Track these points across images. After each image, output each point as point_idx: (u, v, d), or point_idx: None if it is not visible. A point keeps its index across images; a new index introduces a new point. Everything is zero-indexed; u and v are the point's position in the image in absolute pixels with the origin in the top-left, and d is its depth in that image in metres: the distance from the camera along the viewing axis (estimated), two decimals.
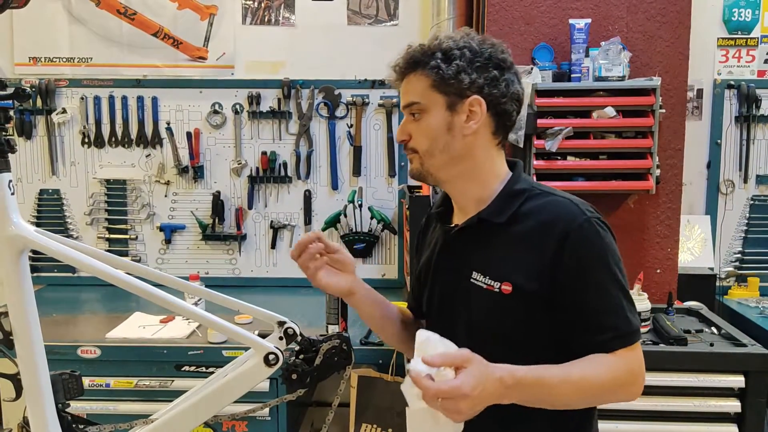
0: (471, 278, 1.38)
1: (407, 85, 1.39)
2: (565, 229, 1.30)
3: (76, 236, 3.36)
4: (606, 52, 2.62)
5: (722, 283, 3.17)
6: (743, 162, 3.20)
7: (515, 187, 1.39)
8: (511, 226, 1.35)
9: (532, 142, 2.60)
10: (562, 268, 1.29)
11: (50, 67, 3.29)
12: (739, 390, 2.30)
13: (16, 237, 1.09)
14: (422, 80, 1.36)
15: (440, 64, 1.33)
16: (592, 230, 1.31)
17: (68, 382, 1.20)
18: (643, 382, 1.31)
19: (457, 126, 1.36)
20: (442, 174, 1.40)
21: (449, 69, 1.33)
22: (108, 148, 3.33)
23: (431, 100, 1.36)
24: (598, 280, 1.29)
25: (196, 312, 1.25)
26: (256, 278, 3.40)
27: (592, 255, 1.30)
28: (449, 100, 1.35)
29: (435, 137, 1.36)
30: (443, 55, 1.34)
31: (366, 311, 1.49)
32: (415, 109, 1.38)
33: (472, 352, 1.18)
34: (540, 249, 1.31)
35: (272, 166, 3.32)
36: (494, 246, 1.37)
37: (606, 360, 1.26)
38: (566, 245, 1.29)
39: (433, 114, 1.36)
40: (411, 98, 1.38)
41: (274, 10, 3.27)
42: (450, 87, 1.34)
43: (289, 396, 1.35)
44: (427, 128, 1.37)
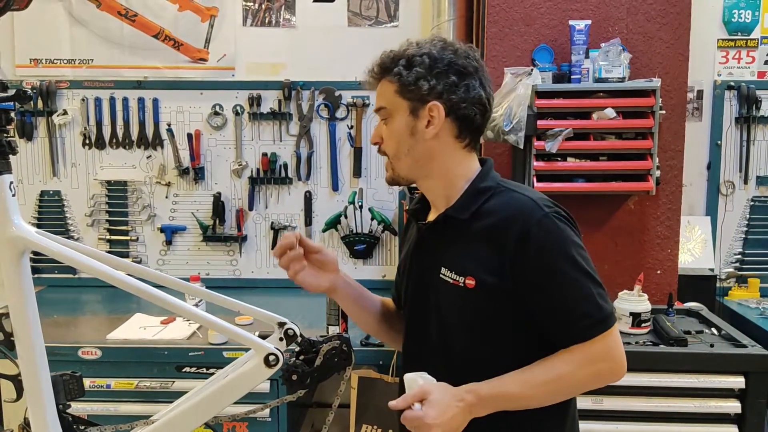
0: (440, 274, 1.43)
1: (379, 89, 1.46)
2: (524, 226, 1.33)
3: (76, 237, 3.36)
4: (606, 53, 2.62)
5: (722, 284, 3.17)
6: (743, 163, 3.20)
7: (480, 185, 1.44)
8: (473, 223, 1.40)
9: (532, 143, 2.60)
10: (525, 265, 1.33)
11: (51, 68, 3.30)
12: (740, 391, 2.30)
13: (17, 238, 1.09)
14: (389, 86, 1.43)
15: (402, 71, 1.40)
16: (552, 225, 1.34)
17: (69, 383, 1.20)
18: (625, 362, 1.36)
19: (419, 130, 1.42)
20: (411, 175, 1.48)
21: (410, 75, 1.39)
22: (109, 150, 3.34)
23: (396, 105, 1.43)
24: (564, 273, 1.33)
25: (197, 313, 1.25)
26: (257, 279, 3.40)
27: (554, 249, 1.33)
28: (411, 105, 1.41)
29: (400, 141, 1.44)
30: (405, 62, 1.40)
31: (346, 306, 1.59)
32: (382, 114, 1.46)
33: (445, 347, 1.39)
34: (499, 245, 1.35)
35: (273, 168, 3.32)
36: (459, 242, 1.42)
37: (577, 355, 1.32)
38: (527, 243, 1.33)
39: (398, 119, 1.43)
40: (380, 103, 1.46)
41: (275, 12, 3.28)
42: (411, 93, 1.40)
43: (290, 397, 1.35)
44: (394, 132, 1.44)
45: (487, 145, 2.82)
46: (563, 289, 1.33)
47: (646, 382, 2.31)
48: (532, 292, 1.34)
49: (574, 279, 1.32)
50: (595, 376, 1.34)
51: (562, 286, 1.33)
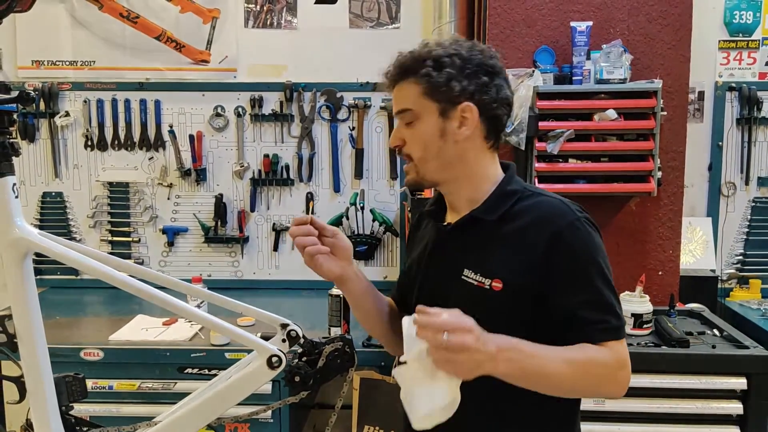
0: (462, 275, 1.40)
1: (399, 92, 1.41)
2: (557, 227, 1.33)
3: (79, 239, 3.37)
4: (607, 54, 2.62)
5: (724, 285, 3.17)
6: (745, 164, 3.20)
7: (507, 188, 1.43)
8: (502, 225, 1.38)
9: (534, 144, 2.60)
10: (554, 265, 1.32)
11: (53, 70, 3.30)
12: (741, 392, 2.30)
13: (20, 240, 1.09)
14: (414, 87, 1.38)
15: (431, 72, 1.36)
16: (584, 229, 1.34)
17: (72, 385, 1.21)
18: (630, 376, 1.32)
19: (449, 132, 1.38)
20: (437, 177, 1.43)
21: (440, 76, 1.36)
22: (111, 151, 3.34)
23: (423, 107, 1.38)
24: (590, 277, 1.32)
25: (199, 314, 1.25)
26: (259, 280, 3.40)
27: (584, 253, 1.33)
28: (441, 107, 1.38)
29: (428, 143, 1.39)
30: (434, 63, 1.36)
31: (356, 301, 1.51)
32: (407, 117, 1.40)
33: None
34: (532, 246, 1.34)
35: (274, 169, 3.32)
36: (486, 244, 1.40)
37: (594, 348, 1.28)
38: (559, 243, 1.32)
39: (426, 121, 1.39)
40: (403, 105, 1.40)
41: (277, 14, 3.28)
42: (441, 94, 1.37)
43: (292, 398, 1.35)
44: (421, 135, 1.39)
45: None
46: (587, 292, 1.32)
47: (647, 383, 2.31)
48: (556, 290, 1.32)
49: (599, 287, 1.32)
50: (609, 376, 1.29)
51: (587, 290, 1.32)
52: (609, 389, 1.31)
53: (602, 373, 1.29)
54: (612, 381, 1.30)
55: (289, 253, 3.38)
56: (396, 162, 3.30)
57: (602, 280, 1.33)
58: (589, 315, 1.31)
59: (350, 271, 1.45)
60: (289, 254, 3.38)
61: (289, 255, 3.38)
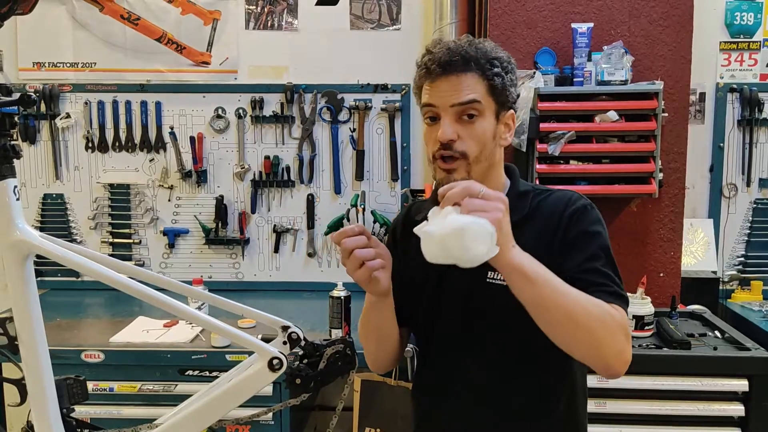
0: (487, 278, 1.40)
1: (462, 81, 1.35)
2: (569, 208, 1.39)
3: (79, 241, 3.36)
4: (608, 56, 2.63)
5: (725, 286, 3.16)
6: (746, 165, 3.20)
7: (521, 189, 1.47)
8: (524, 224, 1.39)
9: (535, 146, 2.60)
10: (566, 241, 1.37)
11: (54, 72, 3.30)
12: (743, 394, 2.30)
13: (21, 242, 1.09)
14: (479, 82, 1.36)
15: (501, 73, 1.36)
16: (594, 213, 1.41)
17: (73, 387, 1.20)
18: (630, 353, 1.31)
19: (498, 135, 1.40)
20: (481, 179, 1.36)
21: (506, 80, 1.37)
22: (112, 153, 3.34)
23: (487, 104, 1.37)
24: (596, 252, 1.36)
25: (200, 316, 1.25)
26: (259, 282, 3.40)
27: (592, 230, 1.39)
28: (497, 108, 1.38)
29: (485, 143, 1.37)
30: (501, 65, 1.37)
31: (387, 316, 1.46)
32: (474, 108, 1.35)
33: (493, 349, 1.36)
34: (552, 235, 1.38)
35: (275, 171, 3.32)
36: None
37: (606, 304, 1.29)
38: (571, 221, 1.38)
39: (487, 118, 1.37)
40: (473, 95, 1.34)
41: (277, 15, 3.28)
42: (502, 96, 1.38)
43: (293, 400, 1.34)
44: (482, 132, 1.36)
45: None
46: (596, 264, 1.35)
47: (649, 385, 2.30)
48: (566, 259, 1.36)
49: (606, 262, 1.36)
50: (614, 331, 1.27)
51: (595, 262, 1.35)
52: (613, 348, 1.27)
53: (608, 323, 1.26)
54: (616, 338, 1.27)
55: (290, 255, 3.38)
56: (397, 163, 3.30)
57: (606, 255, 1.37)
58: (595, 278, 1.33)
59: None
60: (290, 256, 3.38)
61: (289, 257, 3.38)
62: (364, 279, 1.32)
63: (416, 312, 1.53)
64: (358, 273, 1.30)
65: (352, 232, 1.30)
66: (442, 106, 1.36)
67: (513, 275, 1.21)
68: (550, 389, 1.45)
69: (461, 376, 1.45)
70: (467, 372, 1.45)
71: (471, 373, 1.45)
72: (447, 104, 1.35)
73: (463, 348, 1.46)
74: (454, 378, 1.48)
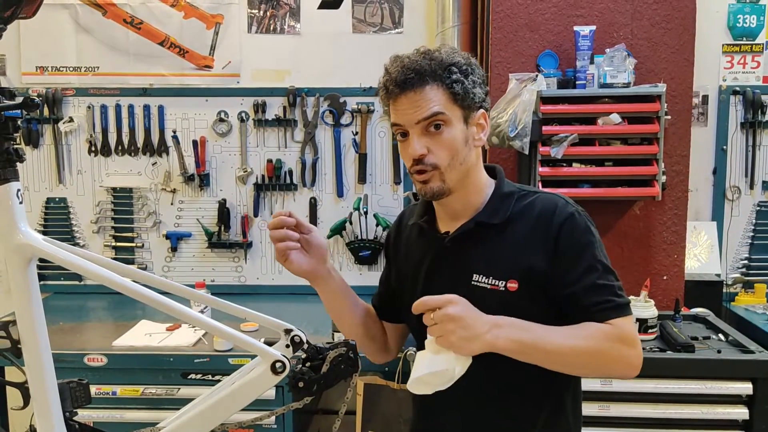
0: (472, 281, 1.41)
1: (422, 96, 1.37)
2: (559, 219, 1.39)
3: (82, 244, 3.37)
4: (611, 58, 2.62)
5: (729, 289, 3.15)
6: (749, 168, 3.19)
7: (505, 190, 1.47)
8: (507, 227, 1.42)
9: (537, 149, 2.60)
10: (558, 254, 1.38)
11: (57, 76, 3.31)
12: (747, 397, 2.29)
13: (24, 246, 1.09)
14: (440, 93, 1.37)
15: (461, 78, 1.37)
16: (582, 221, 1.41)
17: (76, 391, 1.20)
18: (641, 355, 1.36)
19: (470, 138, 1.41)
20: (457, 184, 1.42)
21: (467, 83, 1.38)
22: (114, 157, 3.35)
23: (452, 112, 1.38)
24: (591, 263, 1.37)
25: (202, 320, 1.25)
26: (262, 286, 3.40)
27: (584, 241, 1.39)
28: (464, 113, 1.40)
29: (457, 150, 1.39)
30: (459, 70, 1.38)
31: (329, 301, 1.56)
32: (439, 119, 1.37)
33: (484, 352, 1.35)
34: (541, 241, 1.39)
35: (278, 174, 3.33)
36: (494, 246, 1.42)
37: (597, 324, 1.33)
38: (561, 233, 1.38)
39: (454, 126, 1.39)
40: (434, 109, 1.37)
41: (280, 19, 3.29)
42: (467, 101, 1.39)
43: (296, 404, 1.34)
44: (451, 141, 1.39)
45: (492, 151, 2.81)
46: (590, 277, 1.37)
47: (652, 388, 2.30)
48: (560, 278, 1.37)
49: (600, 271, 1.38)
50: (617, 356, 1.33)
51: (590, 275, 1.37)
52: (615, 366, 1.35)
53: (605, 348, 1.31)
54: (617, 357, 1.32)
55: None
56: (399, 166, 3.30)
57: (602, 265, 1.38)
58: (594, 296, 1.35)
59: (322, 269, 1.49)
60: None
61: None
62: (278, 258, 1.46)
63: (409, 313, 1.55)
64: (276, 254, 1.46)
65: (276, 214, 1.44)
66: (408, 123, 1.39)
67: (506, 353, 1.28)
68: (540, 390, 1.46)
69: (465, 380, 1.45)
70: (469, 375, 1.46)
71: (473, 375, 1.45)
72: (412, 121, 1.38)
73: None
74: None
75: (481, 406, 1.47)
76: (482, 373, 1.41)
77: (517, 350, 1.28)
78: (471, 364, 1.28)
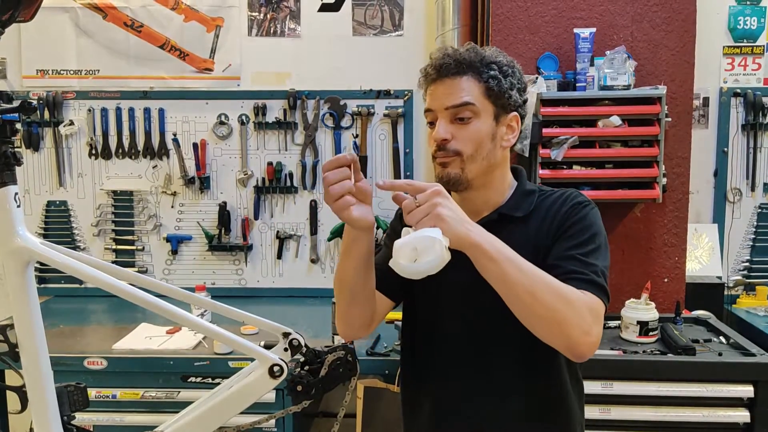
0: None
1: (457, 84, 1.41)
2: (568, 203, 1.45)
3: (83, 247, 3.37)
4: (611, 61, 2.62)
5: (730, 292, 3.15)
6: (750, 170, 3.19)
7: (527, 188, 1.53)
8: (528, 220, 1.47)
9: (538, 151, 2.60)
10: (560, 232, 1.42)
11: (58, 79, 3.32)
12: (748, 400, 2.28)
13: (22, 249, 1.09)
14: (475, 85, 1.41)
15: (498, 76, 1.41)
16: (589, 211, 1.45)
17: (74, 394, 1.20)
18: (598, 335, 1.31)
19: (498, 136, 1.44)
20: (477, 180, 1.45)
21: (505, 83, 1.42)
22: (115, 160, 3.35)
23: (483, 106, 1.42)
24: (584, 242, 1.40)
25: (201, 324, 1.24)
26: (262, 289, 3.40)
27: (584, 225, 1.43)
28: (496, 111, 1.43)
29: (481, 143, 1.42)
30: (499, 69, 1.42)
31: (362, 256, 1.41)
32: (468, 110, 1.41)
33: (497, 336, 1.42)
34: (551, 225, 1.44)
35: (278, 177, 3.33)
36: (517, 238, 1.42)
37: (573, 286, 1.31)
38: (566, 214, 1.43)
39: (483, 120, 1.42)
40: (465, 98, 1.41)
41: (280, 22, 3.29)
42: (501, 99, 1.42)
43: (295, 408, 1.34)
44: (476, 133, 1.42)
45: None
46: (584, 252, 1.39)
47: (653, 391, 2.29)
48: (556, 242, 1.41)
49: (597, 254, 1.40)
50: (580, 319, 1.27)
51: (584, 250, 1.39)
52: (573, 329, 1.27)
53: (573, 302, 1.28)
54: (579, 319, 1.27)
55: (293, 261, 3.38)
56: (400, 169, 3.30)
57: (595, 251, 1.40)
58: (573, 265, 1.36)
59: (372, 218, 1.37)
60: (293, 262, 3.38)
61: (292, 263, 3.38)
62: (339, 210, 1.30)
63: (399, 288, 1.55)
64: (334, 205, 1.29)
65: (336, 163, 1.28)
66: (438, 108, 1.43)
67: (475, 254, 1.24)
68: (537, 387, 1.49)
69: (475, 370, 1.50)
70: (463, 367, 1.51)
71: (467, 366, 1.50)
72: (442, 107, 1.42)
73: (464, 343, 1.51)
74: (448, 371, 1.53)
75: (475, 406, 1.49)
76: (484, 375, 1.42)
77: (488, 254, 1.24)
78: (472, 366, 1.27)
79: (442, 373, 1.54)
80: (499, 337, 1.46)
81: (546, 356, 1.42)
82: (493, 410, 1.49)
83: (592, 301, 1.31)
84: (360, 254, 1.39)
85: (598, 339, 1.31)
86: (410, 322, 1.62)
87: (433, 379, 1.55)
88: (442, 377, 1.54)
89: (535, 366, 1.47)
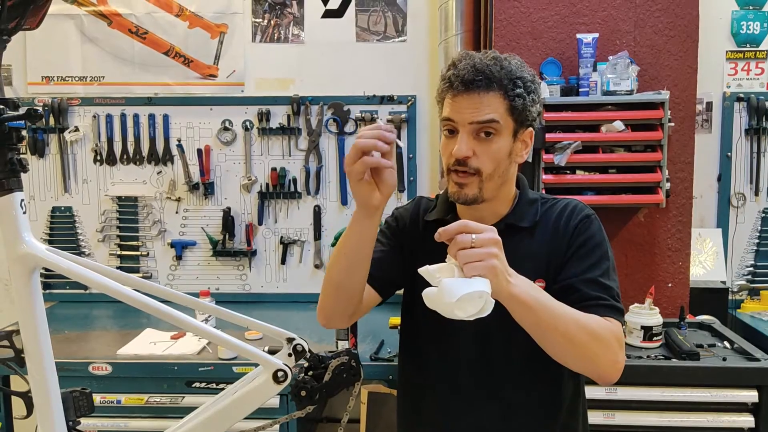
0: None
1: (483, 100, 1.37)
2: (576, 220, 1.46)
3: (88, 253, 3.38)
4: (614, 66, 2.62)
5: (734, 296, 3.14)
6: (754, 175, 3.19)
7: (530, 197, 1.53)
8: (535, 229, 1.47)
9: (541, 156, 2.60)
10: (571, 248, 1.43)
11: (63, 86, 3.33)
12: (753, 405, 2.27)
13: (28, 256, 1.10)
14: (501, 102, 1.38)
15: (524, 94, 1.38)
16: (596, 223, 1.48)
17: (79, 400, 1.20)
18: (623, 360, 1.35)
19: (514, 153, 1.43)
20: (492, 195, 1.45)
21: (527, 99, 1.38)
22: (120, 166, 3.36)
23: (506, 123, 1.39)
24: (598, 262, 1.42)
25: (204, 328, 1.25)
26: (266, 294, 3.40)
27: (595, 241, 1.45)
28: (515, 127, 1.41)
29: (500, 161, 1.41)
30: (524, 86, 1.38)
31: (368, 240, 1.45)
32: (492, 127, 1.38)
33: (507, 348, 1.43)
34: (561, 240, 1.45)
35: (282, 182, 3.33)
36: (521, 248, 1.44)
37: (600, 317, 1.34)
38: (576, 231, 1.44)
39: (504, 137, 1.40)
40: (491, 115, 1.37)
41: (284, 28, 3.30)
42: (521, 116, 1.40)
43: (299, 413, 1.34)
44: (497, 151, 1.40)
45: None
46: (596, 273, 1.40)
47: (658, 396, 2.29)
48: (569, 267, 1.42)
49: (607, 273, 1.42)
50: (608, 350, 1.32)
51: (596, 272, 1.41)
52: (602, 361, 1.32)
53: (603, 337, 1.31)
54: (608, 351, 1.32)
55: (297, 267, 3.38)
56: (403, 174, 3.30)
57: (609, 272, 1.43)
58: (592, 290, 1.38)
59: (384, 203, 1.39)
60: (297, 268, 3.39)
61: (296, 268, 3.39)
62: (357, 174, 1.29)
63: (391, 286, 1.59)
64: (354, 166, 1.28)
65: (370, 134, 1.27)
66: (461, 122, 1.38)
67: (513, 305, 1.25)
68: (548, 397, 1.50)
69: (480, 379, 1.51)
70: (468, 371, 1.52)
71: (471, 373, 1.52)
72: (466, 121, 1.38)
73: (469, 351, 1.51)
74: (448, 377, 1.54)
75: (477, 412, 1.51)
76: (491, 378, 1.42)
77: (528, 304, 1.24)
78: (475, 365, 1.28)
79: (445, 391, 1.55)
80: (506, 357, 1.48)
81: (551, 369, 1.43)
82: (499, 423, 1.50)
83: (616, 329, 1.35)
84: (362, 238, 1.43)
85: (624, 362, 1.35)
86: (412, 332, 1.62)
87: (435, 394, 1.56)
88: (444, 393, 1.55)
89: (541, 380, 1.49)
